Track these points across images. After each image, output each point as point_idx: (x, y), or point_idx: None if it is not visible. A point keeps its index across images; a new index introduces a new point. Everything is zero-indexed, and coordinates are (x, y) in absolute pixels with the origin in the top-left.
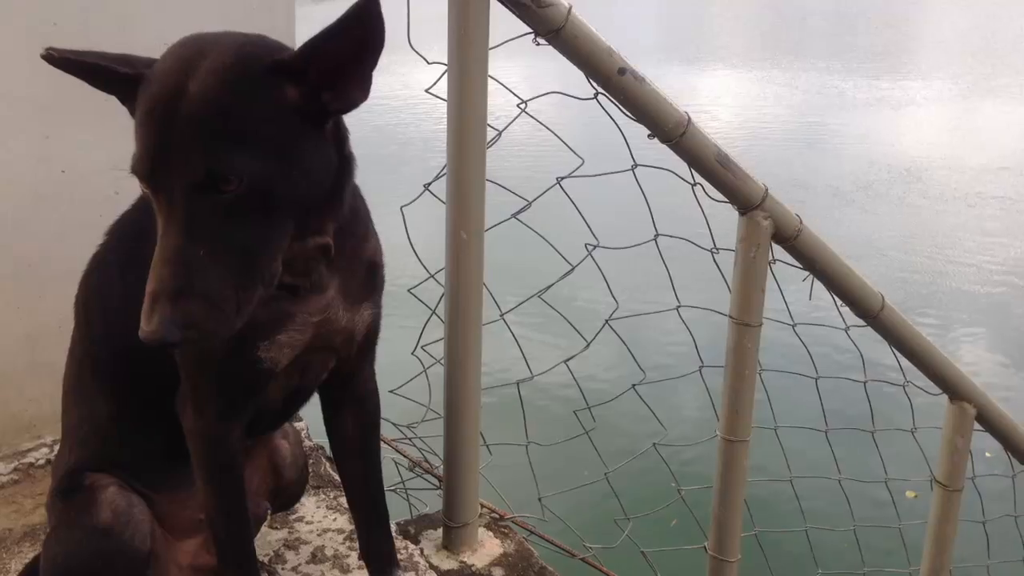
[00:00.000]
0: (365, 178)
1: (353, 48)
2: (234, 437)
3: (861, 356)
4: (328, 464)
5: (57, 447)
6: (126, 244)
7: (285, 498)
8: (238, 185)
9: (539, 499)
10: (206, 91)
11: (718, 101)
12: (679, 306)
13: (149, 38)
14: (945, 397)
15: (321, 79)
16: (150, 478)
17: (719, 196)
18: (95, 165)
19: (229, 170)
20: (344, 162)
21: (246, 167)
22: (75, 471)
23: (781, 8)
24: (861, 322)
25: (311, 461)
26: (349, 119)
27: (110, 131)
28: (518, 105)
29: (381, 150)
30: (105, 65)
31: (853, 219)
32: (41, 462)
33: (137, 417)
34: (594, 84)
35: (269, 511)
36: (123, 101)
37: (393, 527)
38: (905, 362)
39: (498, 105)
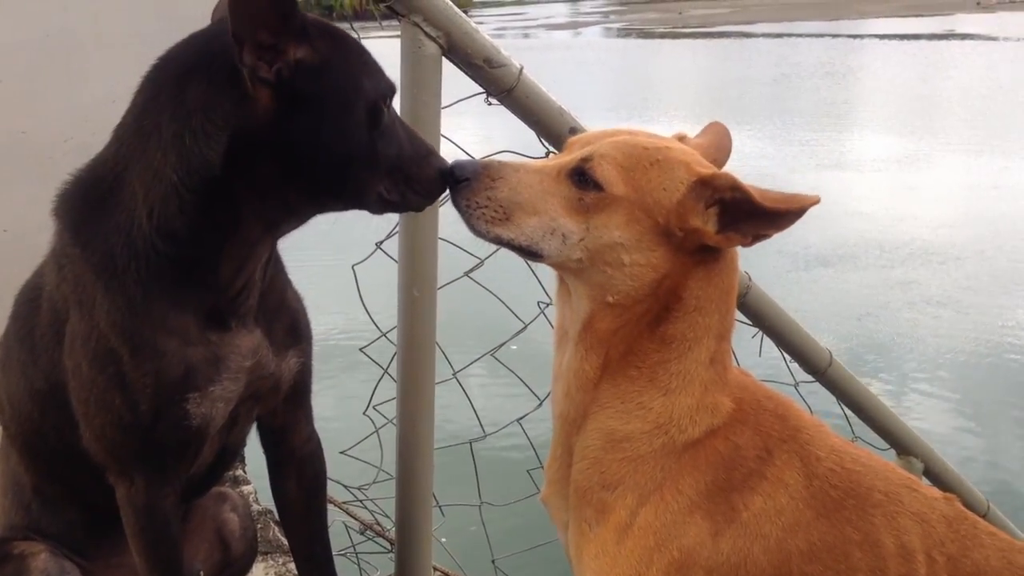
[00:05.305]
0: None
1: None
2: (168, 504)
3: (810, 410)
4: (276, 528)
5: None
6: (21, 318)
7: (234, 571)
8: None
9: (492, 561)
10: None
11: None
12: None
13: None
14: (893, 452)
15: None
16: (80, 547)
17: None
18: (38, 224)
19: None
20: None
21: None
22: (3, 540)
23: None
24: (810, 377)
25: (259, 526)
26: None
27: (54, 189)
28: None
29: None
30: None
31: None
32: None
33: (56, 489)
34: (545, 144)
35: (201, 574)
36: None
37: None
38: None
39: None
